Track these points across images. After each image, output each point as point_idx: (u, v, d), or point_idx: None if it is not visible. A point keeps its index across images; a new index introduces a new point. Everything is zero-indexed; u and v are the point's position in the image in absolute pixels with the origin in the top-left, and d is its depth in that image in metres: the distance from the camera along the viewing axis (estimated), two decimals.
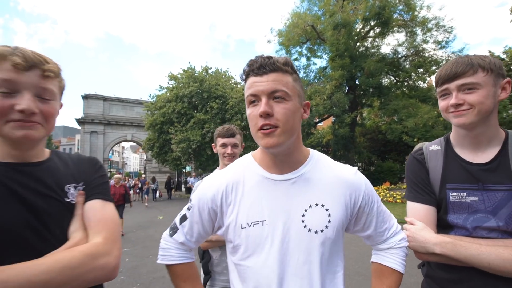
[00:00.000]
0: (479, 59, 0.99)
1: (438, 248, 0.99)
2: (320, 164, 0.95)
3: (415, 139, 15.19)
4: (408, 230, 1.08)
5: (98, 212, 0.87)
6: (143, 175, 31.61)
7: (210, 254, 1.83)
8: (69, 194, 0.87)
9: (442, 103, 1.07)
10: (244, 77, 0.88)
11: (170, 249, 1.00)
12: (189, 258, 1.01)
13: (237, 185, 0.92)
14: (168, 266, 1.00)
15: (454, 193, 1.05)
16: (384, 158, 24.78)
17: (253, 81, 0.83)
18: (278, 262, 0.84)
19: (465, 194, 1.03)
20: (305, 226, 0.86)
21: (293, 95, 0.84)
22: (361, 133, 23.75)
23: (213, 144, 2.04)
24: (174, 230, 1.01)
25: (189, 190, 25.64)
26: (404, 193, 12.57)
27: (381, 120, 21.91)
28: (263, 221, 0.87)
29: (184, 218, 1.00)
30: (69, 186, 0.88)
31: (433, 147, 1.17)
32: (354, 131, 19.71)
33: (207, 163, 19.23)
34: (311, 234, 0.85)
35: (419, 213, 1.10)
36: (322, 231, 0.86)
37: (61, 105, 0.91)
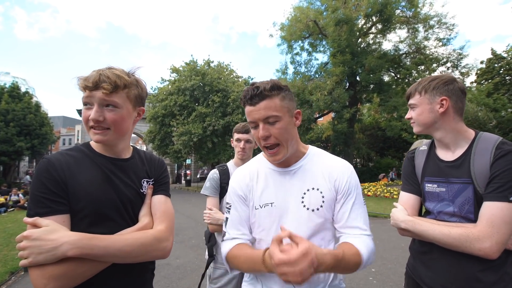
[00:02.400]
0: (420, 83, 1.28)
1: (403, 224, 1.27)
2: (316, 158, 1.16)
3: (414, 136, 15.38)
4: (392, 211, 1.38)
5: (162, 205, 1.11)
6: None
7: (215, 238, 2.01)
8: (143, 187, 1.11)
9: None
10: (242, 104, 1.08)
11: (225, 246, 1.11)
12: (240, 241, 1.10)
13: (253, 176, 1.16)
14: (227, 258, 1.09)
15: (429, 185, 1.29)
16: (383, 155, 25.01)
17: (249, 110, 1.03)
18: None
19: (436, 185, 1.26)
20: (304, 206, 1.07)
21: (283, 114, 1.02)
22: (361, 129, 23.92)
23: (231, 138, 2.22)
24: (224, 234, 1.16)
25: (188, 183, 25.91)
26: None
27: (381, 117, 22.09)
28: (272, 203, 1.09)
29: (226, 220, 1.18)
30: (144, 180, 1.12)
31: (422, 147, 1.41)
32: (353, 127, 19.88)
33: (208, 156, 19.44)
34: (309, 212, 1.06)
35: (403, 199, 1.39)
36: (318, 209, 1.07)
37: (142, 110, 1.12)
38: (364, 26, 20.19)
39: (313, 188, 1.09)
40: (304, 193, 1.08)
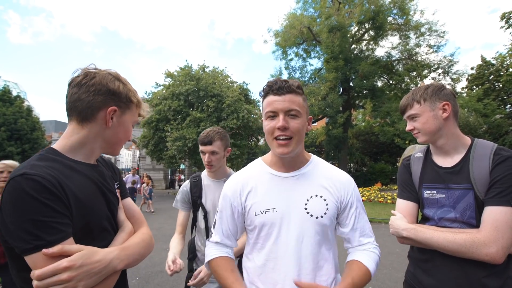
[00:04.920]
0: (415, 93, 1.28)
1: (405, 232, 1.25)
2: (319, 166, 1.16)
3: (407, 142, 15.55)
4: (390, 219, 1.35)
5: (136, 207, 1.14)
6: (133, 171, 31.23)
7: (196, 252, 1.96)
8: (116, 191, 1.08)
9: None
10: (263, 94, 1.09)
11: (209, 249, 1.18)
12: (225, 253, 1.15)
13: (250, 182, 1.14)
14: (209, 262, 1.15)
15: (427, 191, 1.29)
16: (376, 160, 25.21)
17: (273, 100, 1.03)
18: (285, 240, 1.04)
19: (435, 192, 1.26)
20: (307, 212, 1.06)
21: (303, 113, 1.06)
22: (355, 135, 24.11)
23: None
24: (210, 234, 1.22)
25: None
26: (394, 194, 12.96)
27: (375, 122, 22.36)
28: (273, 208, 1.07)
29: (215, 223, 1.21)
30: (115, 184, 1.09)
31: (418, 154, 1.41)
32: (347, 132, 20.07)
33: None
34: (313, 219, 1.05)
35: (401, 207, 1.37)
36: (322, 216, 1.06)
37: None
38: (357, 33, 20.53)
39: (316, 195, 1.08)
40: (308, 200, 1.07)
